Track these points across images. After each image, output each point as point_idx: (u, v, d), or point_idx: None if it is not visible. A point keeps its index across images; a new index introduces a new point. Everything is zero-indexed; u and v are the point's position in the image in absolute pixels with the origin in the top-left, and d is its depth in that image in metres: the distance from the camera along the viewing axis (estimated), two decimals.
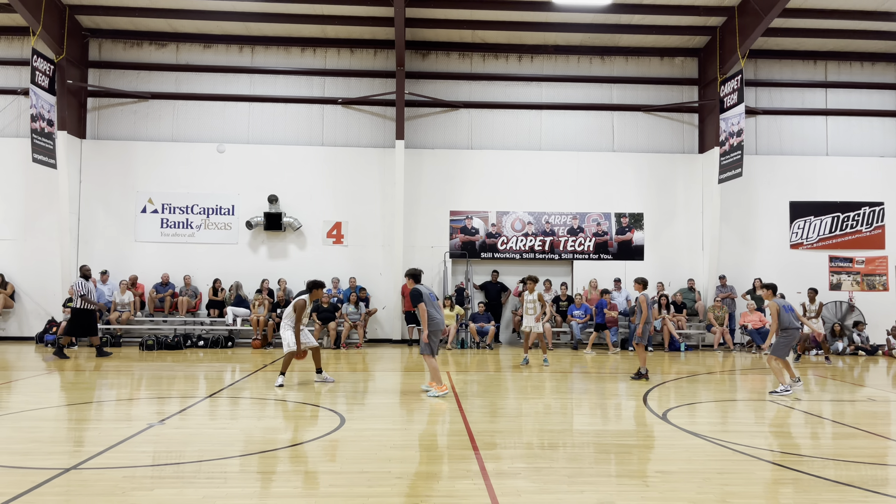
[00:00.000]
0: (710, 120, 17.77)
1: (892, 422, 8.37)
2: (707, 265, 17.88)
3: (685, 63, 18.56)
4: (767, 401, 9.59)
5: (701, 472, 5.71)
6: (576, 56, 18.35)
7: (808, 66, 18.54)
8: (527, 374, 12.12)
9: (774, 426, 8.01)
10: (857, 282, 18.12)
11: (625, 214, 18.17)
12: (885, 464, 6.16)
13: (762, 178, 18.21)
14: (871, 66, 18.58)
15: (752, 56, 18.05)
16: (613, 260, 18.10)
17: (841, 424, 7.98)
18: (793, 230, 18.24)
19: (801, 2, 15.87)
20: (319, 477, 5.51)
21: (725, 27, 16.91)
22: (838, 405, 9.38)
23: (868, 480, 5.51)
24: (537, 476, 5.58)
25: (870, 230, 18.25)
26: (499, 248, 17.98)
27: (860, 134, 18.52)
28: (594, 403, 9.35)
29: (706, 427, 7.66)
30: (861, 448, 6.82)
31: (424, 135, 18.18)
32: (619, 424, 7.99)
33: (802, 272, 17.95)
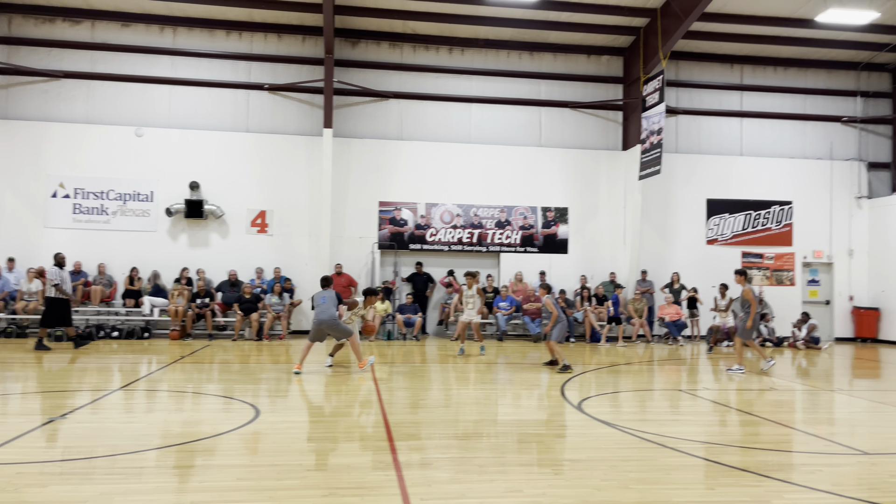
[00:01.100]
0: (633, 118, 18.25)
1: (791, 410, 8.82)
2: (628, 259, 18.39)
3: (611, 62, 18.99)
4: (678, 390, 9.95)
5: (608, 460, 5.88)
6: (506, 51, 18.50)
7: (725, 69, 19.26)
8: (452, 366, 12.20)
9: (683, 415, 8.32)
10: (767, 277, 19.01)
11: (550, 209, 18.49)
12: (780, 450, 6.49)
13: (681, 175, 18.84)
14: (784, 70, 19.46)
15: (674, 57, 18.62)
16: (539, 253, 18.39)
17: (744, 413, 8.36)
18: (709, 226, 18.96)
19: (720, 6, 16.46)
20: (227, 471, 5.39)
21: (649, 28, 17.38)
22: (744, 394, 9.82)
23: (762, 466, 5.78)
24: (450, 466, 5.62)
25: (779, 228, 19.15)
26: (427, 240, 18.00)
27: (772, 136, 19.39)
28: (514, 394, 9.49)
29: (618, 416, 7.89)
30: (760, 435, 7.16)
31: (354, 124, 17.99)
32: (535, 414, 8.14)
33: (717, 267, 18.66)
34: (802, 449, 6.61)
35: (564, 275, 18.19)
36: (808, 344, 16.97)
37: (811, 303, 19.25)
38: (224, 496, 4.76)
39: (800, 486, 5.20)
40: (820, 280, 19.49)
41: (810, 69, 19.47)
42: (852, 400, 9.61)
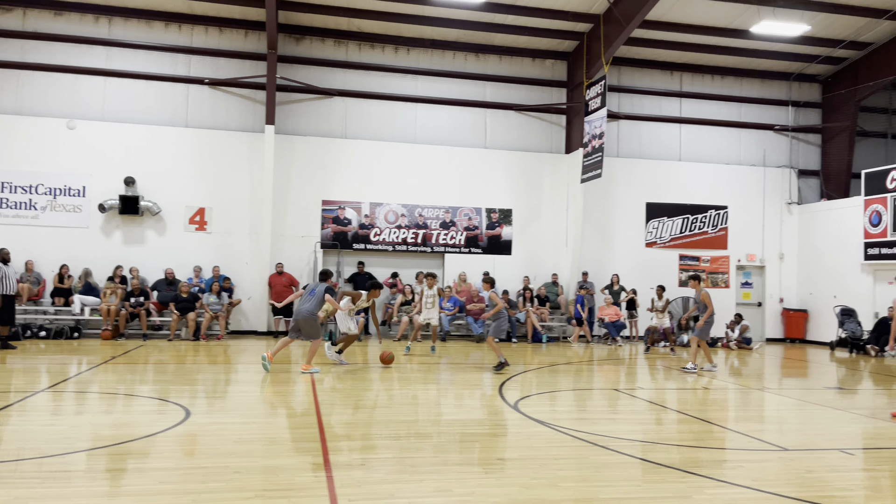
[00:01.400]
0: (576, 122, 18.53)
1: (721, 408, 9.07)
2: (570, 261, 18.65)
3: (555, 66, 19.24)
4: (616, 389, 10.13)
5: (539, 459, 5.92)
6: (451, 52, 18.55)
7: (665, 76, 19.74)
8: (394, 366, 12.14)
9: (616, 413, 8.47)
10: (703, 279, 19.52)
11: (495, 210, 18.61)
12: (706, 447, 6.65)
13: (622, 179, 19.21)
14: (721, 79, 20.05)
15: (616, 63, 18.97)
16: (483, 254, 18.49)
17: (676, 411, 8.55)
18: (648, 230, 19.39)
19: (660, 14, 16.85)
20: (150, 474, 5.22)
21: (592, 34, 17.67)
22: (677, 393, 10.06)
23: (688, 462, 5.92)
24: (381, 466, 5.58)
25: (715, 231, 19.73)
26: (371, 240, 17.89)
27: (709, 142, 19.96)
28: (452, 394, 9.50)
29: (553, 415, 7.97)
30: (689, 432, 7.34)
31: (297, 121, 17.75)
32: (471, 414, 8.16)
33: (655, 269, 19.12)
34: (728, 446, 6.79)
35: (508, 276, 18.33)
36: (740, 344, 17.51)
37: (744, 304, 19.87)
38: (144, 500, 4.61)
39: (721, 482, 5.34)
40: (753, 283, 20.15)
41: (746, 78, 20.12)
42: (779, 398, 9.95)
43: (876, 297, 17.50)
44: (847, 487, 5.33)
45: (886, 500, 5.16)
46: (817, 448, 6.66)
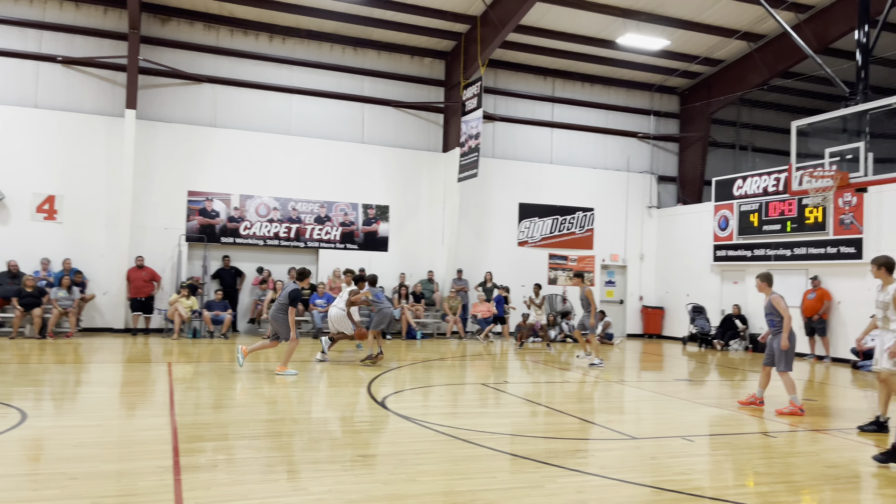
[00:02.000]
0: (453, 121, 18.75)
1: (580, 401, 9.46)
2: (445, 258, 18.85)
3: (433, 64, 19.37)
4: (483, 384, 10.32)
5: (400, 454, 5.92)
6: (329, 44, 18.22)
7: (539, 80, 20.39)
8: (263, 364, 11.76)
9: (482, 408, 8.63)
10: (570, 277, 20.37)
11: (372, 206, 18.48)
12: (562, 438, 6.91)
13: (497, 179, 19.65)
14: (591, 86, 20.97)
15: (493, 66, 19.38)
16: (359, 250, 18.31)
17: (538, 404, 8.83)
18: (520, 229, 19.96)
19: (535, 21, 17.37)
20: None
21: (469, 35, 17.94)
22: (543, 387, 10.40)
23: (543, 453, 6.12)
24: (235, 467, 5.36)
25: (582, 232, 20.61)
26: (241, 234, 17.25)
27: (578, 146, 20.83)
28: (320, 392, 9.32)
29: (420, 411, 8.00)
30: (547, 424, 7.60)
31: (162, 107, 16.80)
32: (336, 412, 8.04)
33: (527, 268, 19.71)
34: (583, 436, 7.09)
35: (384, 272, 18.20)
36: (603, 340, 18.39)
37: (608, 302, 20.90)
38: None
39: (572, 471, 5.55)
40: (615, 281, 21.24)
41: (612, 87, 21.15)
42: (635, 390, 10.52)
43: (723, 295, 18.94)
44: (684, 472, 5.69)
45: (717, 481, 5.55)
46: (662, 436, 7.09)
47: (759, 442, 6.96)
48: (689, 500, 4.95)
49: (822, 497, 5.21)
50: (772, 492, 5.26)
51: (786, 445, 6.86)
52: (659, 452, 6.32)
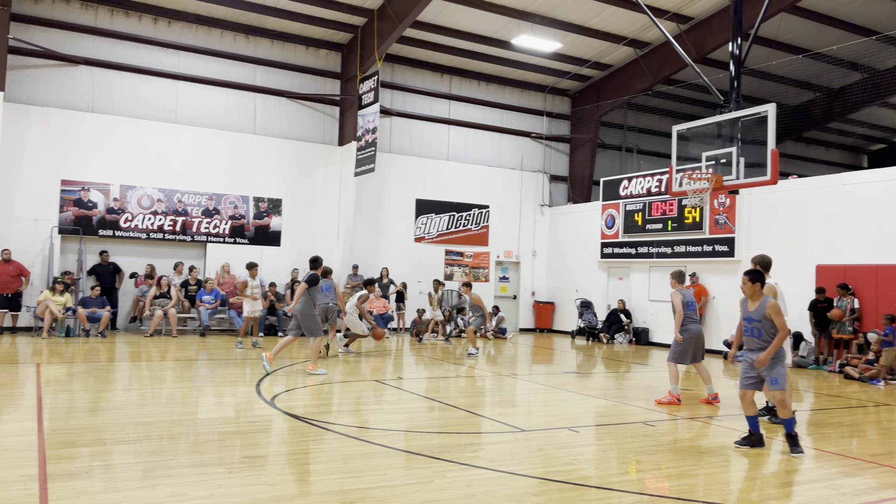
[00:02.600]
0: (349, 114, 18.51)
1: (472, 395, 9.57)
2: (341, 254, 18.60)
3: (329, 56, 19.04)
4: (377, 381, 10.24)
5: (289, 454, 5.76)
6: (219, 30, 17.51)
7: (436, 77, 20.48)
8: (144, 364, 11.17)
9: (375, 404, 8.55)
10: (466, 274, 20.63)
11: (263, 199, 17.95)
12: (454, 432, 6.96)
13: (394, 175, 19.58)
14: (486, 85, 21.29)
15: (390, 60, 19.28)
16: (250, 245, 17.74)
17: (432, 399, 8.85)
18: (417, 225, 19.99)
19: (432, 17, 17.42)
20: None
21: (366, 28, 17.75)
22: (437, 382, 10.44)
23: (435, 448, 6.13)
24: (108, 474, 5.04)
25: (478, 229, 20.91)
26: (122, 226, 16.29)
27: (474, 144, 21.10)
28: (207, 392, 8.95)
29: (311, 409, 7.83)
30: (440, 420, 7.63)
31: (32, 89, 15.59)
32: (223, 412, 7.74)
33: (424, 263, 19.78)
34: (475, 430, 7.16)
35: (276, 268, 17.78)
36: (496, 334, 18.74)
37: (502, 297, 21.32)
38: None
39: (462, 465, 5.59)
40: (509, 277, 21.70)
41: (507, 87, 21.56)
42: (526, 384, 10.76)
43: (609, 291, 19.76)
44: (570, 462, 5.87)
45: (601, 469, 5.76)
46: (550, 428, 7.29)
47: (641, 431, 7.28)
48: (574, 489, 5.10)
49: (695, 481, 5.50)
50: (651, 478, 5.51)
51: (664, 434, 7.22)
52: (546, 444, 6.48)
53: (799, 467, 6.08)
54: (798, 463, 6.18)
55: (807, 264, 14.38)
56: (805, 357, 13.94)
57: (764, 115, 9.89)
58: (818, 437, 7.36)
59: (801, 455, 6.30)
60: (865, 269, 13.44)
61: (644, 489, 5.21)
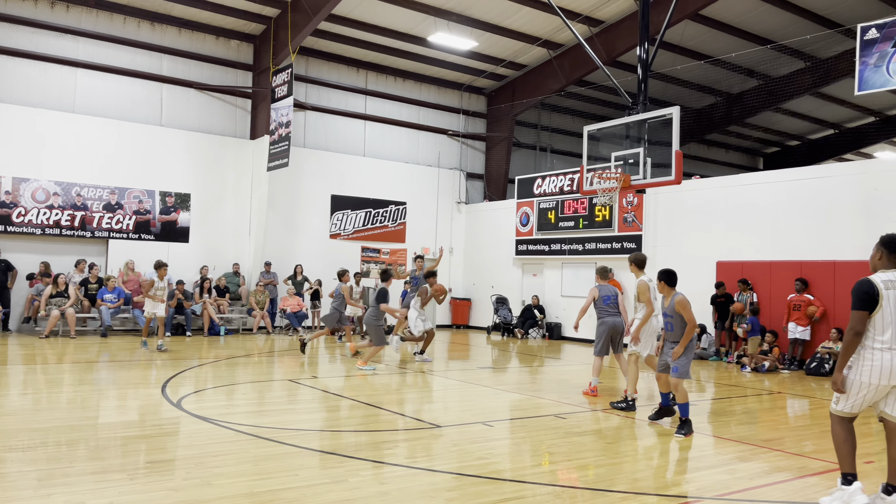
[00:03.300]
0: (262, 108, 18.05)
1: (389, 392, 9.52)
2: (252, 250, 18.13)
3: (241, 47, 18.50)
4: (291, 381, 10.04)
5: (196, 458, 5.55)
6: (122, 16, 16.70)
7: (352, 72, 20.25)
8: (39, 367, 10.52)
9: (287, 404, 8.37)
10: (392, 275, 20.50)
11: (171, 193, 17.25)
12: (370, 430, 6.90)
13: (309, 170, 19.24)
14: (403, 82, 21.23)
15: (305, 53, 18.92)
16: (156, 241, 17.02)
17: (346, 398, 8.75)
18: (333, 221, 19.72)
19: (348, 11, 17.20)
20: None
21: (280, 20, 17.35)
22: (351, 380, 10.32)
23: (349, 447, 6.06)
24: (0, 484, 4.71)
25: (395, 226, 20.84)
26: (14, 221, 15.28)
27: (391, 140, 21.01)
28: (109, 395, 8.51)
29: (220, 410, 7.59)
30: (355, 418, 7.55)
31: None
32: (125, 416, 7.38)
33: (339, 260, 19.47)
34: (390, 427, 7.13)
35: (184, 265, 17.13)
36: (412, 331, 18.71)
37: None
38: None
39: (376, 463, 5.55)
40: None
41: (425, 84, 21.58)
42: (442, 380, 10.80)
43: (524, 287, 20.12)
44: (484, 457, 5.93)
45: (514, 463, 5.85)
46: (464, 423, 7.34)
47: (553, 423, 7.45)
48: (488, 483, 5.15)
49: (603, 471, 5.67)
50: (562, 469, 5.64)
51: (575, 425, 7.41)
52: (461, 439, 6.52)
53: (700, 454, 6.37)
54: (699, 450, 6.47)
55: (708, 260, 15.10)
56: (706, 349, 14.64)
57: (669, 118, 10.31)
58: (717, 425, 7.74)
59: (682, 437, 6.86)
60: (761, 265, 14.24)
61: (556, 480, 5.32)
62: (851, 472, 4.70)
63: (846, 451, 4.72)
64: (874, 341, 4.60)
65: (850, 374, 4.68)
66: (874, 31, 12.17)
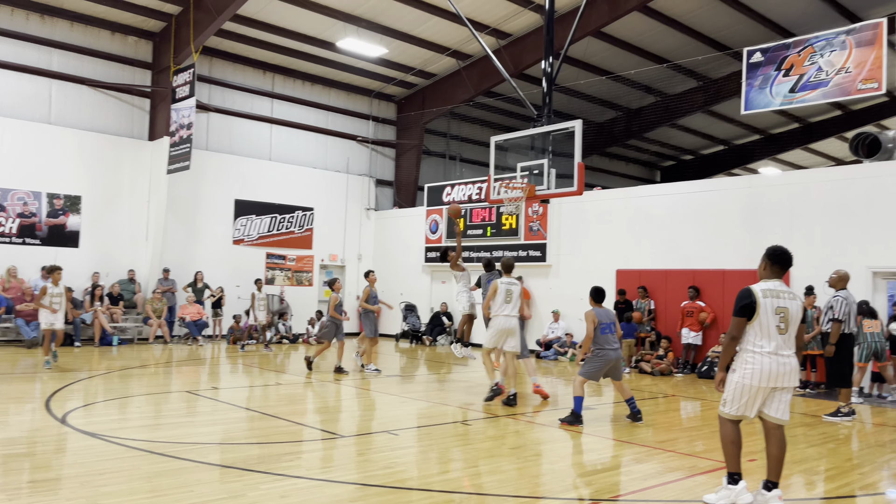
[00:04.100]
0: (161, 108, 17.31)
1: (292, 403, 9.31)
2: (150, 256, 17.33)
3: (139, 44, 17.69)
4: (189, 392, 9.64)
5: (81, 476, 5.23)
6: (9, 7, 15.60)
7: (259, 74, 19.77)
8: None
9: (183, 417, 8.04)
10: (289, 277, 20.10)
11: (59, 196, 16.25)
12: (270, 442, 6.71)
13: (211, 173, 18.59)
14: (311, 86, 20.91)
15: (209, 53, 18.32)
16: (43, 245, 15.97)
17: (247, 409, 8.49)
18: (236, 227, 19.13)
19: (254, 12, 16.77)
20: None
21: (182, 17, 16.72)
22: (254, 391, 10.03)
23: (247, 460, 5.87)
24: None
25: (301, 232, 20.45)
26: None
27: (298, 145, 20.63)
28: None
29: (111, 426, 7.19)
30: (255, 430, 7.33)
31: None
32: (4, 432, 6.86)
33: (243, 267, 18.96)
34: (291, 439, 6.96)
35: (73, 271, 16.10)
36: (319, 340, 18.41)
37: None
38: None
39: (277, 475, 5.40)
40: None
41: (334, 89, 21.33)
42: (348, 388, 10.66)
43: (433, 294, 20.20)
44: (389, 466, 5.88)
45: (420, 471, 5.84)
46: (369, 432, 7.27)
47: (459, 430, 7.49)
48: (393, 492, 5.11)
49: (507, 476, 5.74)
50: (468, 475, 5.68)
51: (480, 432, 7.48)
52: (365, 449, 6.45)
53: (599, 457, 6.57)
54: (598, 453, 6.67)
55: (609, 269, 15.66)
56: None
57: (572, 131, 10.64)
58: (616, 428, 8.01)
59: (570, 425, 7.73)
60: (657, 274, 14.90)
61: (460, 487, 5.35)
62: (737, 472, 4.97)
63: (733, 452, 4.98)
64: (754, 346, 4.89)
65: (734, 377, 4.96)
66: (759, 54, 13.02)
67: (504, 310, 9.14)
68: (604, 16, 16.07)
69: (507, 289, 9.17)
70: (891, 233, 11.79)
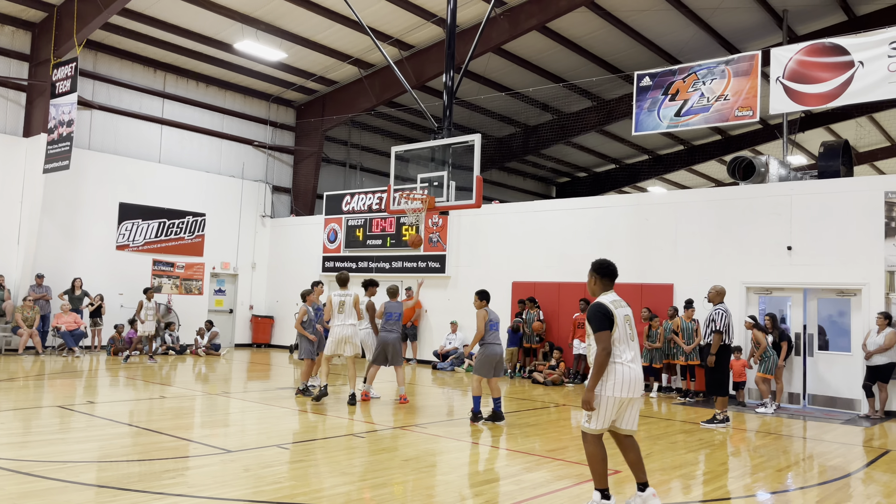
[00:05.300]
0: (39, 103, 16.18)
1: (177, 417, 8.86)
2: (22, 260, 16.11)
3: (16, 34, 16.48)
4: (62, 407, 8.98)
5: None
6: None
7: (149, 72, 18.86)
8: None
9: (56, 433, 7.47)
10: (177, 285, 19.21)
11: None
12: (150, 459, 6.34)
13: (94, 174, 17.53)
14: (206, 87, 20.16)
15: (94, 47, 17.31)
16: None
17: (127, 424, 8.00)
18: (120, 231, 18.09)
19: (145, 7, 16.01)
20: None
21: (65, 9, 15.72)
22: (134, 405, 9.47)
23: (124, 479, 5.52)
24: None
25: (192, 238, 19.61)
26: None
27: (191, 148, 19.81)
28: None
29: None
30: (134, 446, 6.91)
31: None
32: None
33: (127, 273, 17.94)
34: (174, 455, 6.61)
35: None
36: (208, 351, 17.72)
37: (216, 311, 20.24)
38: None
39: (157, 494, 5.10)
40: (226, 290, 20.69)
41: (230, 92, 20.66)
42: (239, 402, 10.28)
43: None
44: (278, 481, 5.69)
45: (310, 485, 5.68)
46: (259, 447, 7.02)
47: (352, 443, 7.36)
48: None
49: (400, 488, 5.69)
50: (358, 489, 5.57)
51: (373, 444, 7.38)
52: (253, 464, 6.22)
53: (491, 467, 6.63)
54: (491, 462, 6.73)
55: (506, 281, 15.95)
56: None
57: (471, 144, 10.79)
58: (508, 438, 8.12)
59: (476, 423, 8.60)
60: (551, 286, 15.32)
61: (351, 501, 5.24)
62: (606, 488, 5.03)
63: (602, 469, 4.95)
64: (617, 357, 4.90)
65: (604, 392, 4.86)
66: (648, 79, 13.71)
67: (338, 319, 10.05)
68: (504, 33, 16.44)
69: (340, 300, 10.18)
70: (762, 250, 12.68)
